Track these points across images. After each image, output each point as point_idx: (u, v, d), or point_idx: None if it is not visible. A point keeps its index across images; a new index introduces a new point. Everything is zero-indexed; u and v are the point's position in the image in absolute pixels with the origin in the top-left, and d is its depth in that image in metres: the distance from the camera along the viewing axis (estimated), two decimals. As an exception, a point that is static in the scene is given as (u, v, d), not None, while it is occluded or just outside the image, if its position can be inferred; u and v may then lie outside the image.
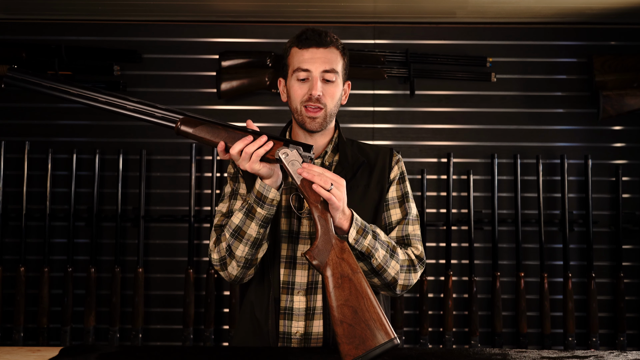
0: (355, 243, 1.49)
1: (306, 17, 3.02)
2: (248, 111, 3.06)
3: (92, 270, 2.90)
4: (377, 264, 1.53)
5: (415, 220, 1.66)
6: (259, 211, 1.49)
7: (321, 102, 1.60)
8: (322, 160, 1.67)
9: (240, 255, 1.54)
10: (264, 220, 1.50)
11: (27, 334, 2.94)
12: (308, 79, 1.60)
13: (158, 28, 3.08)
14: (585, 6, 2.81)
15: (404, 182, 1.69)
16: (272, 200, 1.49)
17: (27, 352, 1.48)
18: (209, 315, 2.89)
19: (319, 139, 1.67)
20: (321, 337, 1.58)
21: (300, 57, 1.61)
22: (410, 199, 1.68)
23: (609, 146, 3.04)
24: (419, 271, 1.60)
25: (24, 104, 3.05)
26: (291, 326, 1.59)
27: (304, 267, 1.60)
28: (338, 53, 1.64)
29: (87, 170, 3.02)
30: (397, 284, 1.57)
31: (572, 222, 2.96)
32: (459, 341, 2.98)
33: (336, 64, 1.62)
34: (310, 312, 1.59)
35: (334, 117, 1.67)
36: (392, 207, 1.66)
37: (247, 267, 1.56)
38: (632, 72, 2.94)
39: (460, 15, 2.98)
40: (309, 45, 1.61)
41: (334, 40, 1.64)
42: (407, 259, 1.59)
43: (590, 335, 2.88)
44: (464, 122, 3.06)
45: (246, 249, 1.53)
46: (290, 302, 1.59)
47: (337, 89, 1.63)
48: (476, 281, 2.94)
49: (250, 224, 1.50)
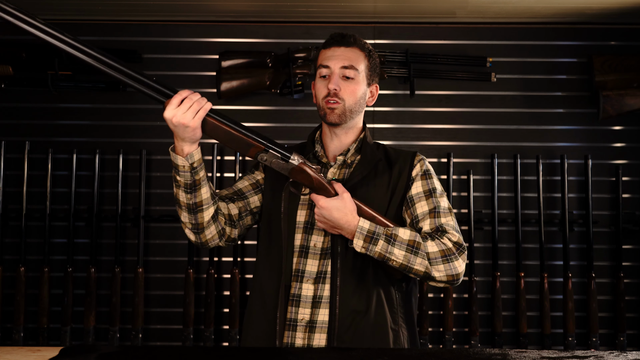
0: (367, 250, 1.56)
1: (306, 17, 3.02)
2: (248, 111, 3.06)
3: (92, 270, 2.90)
4: (400, 264, 1.56)
5: (446, 212, 1.67)
6: (178, 178, 1.58)
7: (339, 96, 1.66)
8: (345, 157, 1.73)
9: (185, 221, 1.63)
10: (185, 187, 1.58)
11: (27, 334, 2.94)
12: (328, 75, 1.68)
13: (158, 28, 3.08)
14: (585, 6, 2.81)
15: (430, 179, 1.71)
16: (183, 166, 1.56)
17: (27, 352, 1.48)
18: (209, 315, 2.89)
19: (343, 137, 1.73)
20: (325, 325, 1.61)
21: (323, 55, 1.71)
22: (439, 195, 1.69)
23: (609, 146, 3.04)
24: (460, 258, 1.60)
25: (24, 104, 3.05)
26: (298, 313, 1.63)
27: (316, 257, 1.65)
28: (361, 53, 1.71)
29: (87, 170, 3.02)
30: (433, 276, 1.58)
31: (572, 222, 2.96)
32: (459, 341, 2.98)
33: (357, 62, 1.68)
34: (317, 300, 1.62)
35: (355, 115, 1.71)
36: (417, 201, 1.67)
37: (196, 231, 1.64)
38: (632, 72, 2.94)
39: (460, 15, 2.97)
40: (331, 45, 1.71)
41: (358, 41, 1.71)
42: (440, 250, 1.59)
43: (590, 335, 2.88)
44: (464, 122, 3.06)
45: (185, 214, 1.61)
46: (299, 290, 1.63)
47: (357, 87, 1.68)
48: (476, 281, 2.94)
49: (179, 191, 1.60)
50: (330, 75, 1.67)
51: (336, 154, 1.74)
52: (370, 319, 1.61)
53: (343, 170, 1.72)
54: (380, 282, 1.65)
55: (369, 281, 1.63)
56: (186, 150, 1.55)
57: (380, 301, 1.63)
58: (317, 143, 1.77)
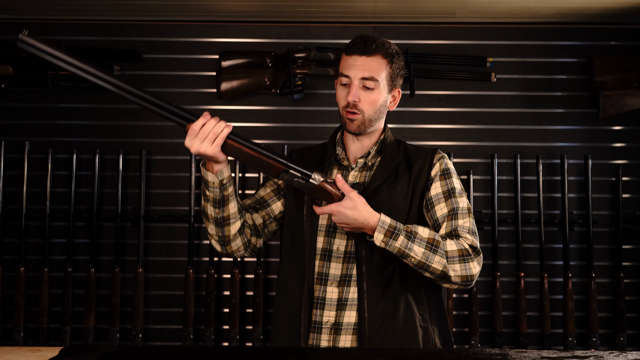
0: (386, 245, 1.55)
1: (306, 17, 3.02)
2: (248, 111, 3.06)
3: (92, 270, 2.90)
4: (418, 262, 1.56)
5: (464, 213, 1.66)
6: (207, 193, 1.61)
7: (357, 107, 1.66)
8: (365, 160, 1.73)
9: (212, 233, 1.67)
10: (214, 202, 1.61)
11: (27, 334, 2.94)
12: (348, 84, 1.67)
13: (158, 28, 3.08)
14: (585, 6, 2.81)
15: (449, 178, 1.70)
16: (213, 182, 1.59)
17: (27, 352, 1.48)
18: (208, 315, 2.89)
19: (365, 140, 1.74)
20: (351, 327, 1.62)
21: (344, 62, 1.69)
22: (457, 194, 1.68)
23: (609, 146, 3.04)
24: (475, 260, 1.60)
25: (24, 104, 3.05)
26: (322, 315, 1.64)
27: (339, 260, 1.66)
28: (383, 61, 1.68)
29: (87, 170, 3.02)
30: (449, 275, 1.58)
31: (572, 222, 2.96)
32: (459, 341, 2.98)
33: (377, 73, 1.66)
34: (342, 302, 1.64)
35: (375, 122, 1.71)
36: (437, 203, 1.67)
37: (223, 243, 1.68)
38: (632, 72, 2.94)
39: (460, 15, 2.97)
40: (352, 52, 1.68)
41: (380, 48, 1.68)
42: (458, 249, 1.59)
43: (590, 335, 2.88)
44: (464, 122, 3.06)
45: (213, 226, 1.65)
46: (323, 293, 1.65)
47: (377, 97, 1.68)
48: (476, 281, 2.93)
49: (207, 205, 1.63)
50: (349, 85, 1.66)
51: (357, 157, 1.74)
52: (399, 320, 1.62)
53: (364, 173, 1.72)
54: (407, 284, 1.65)
55: (395, 283, 1.64)
56: (216, 168, 1.58)
57: (407, 301, 1.64)
58: (339, 145, 1.77)
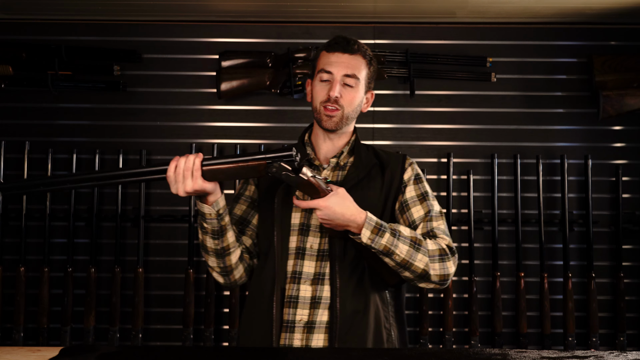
0: (372, 242, 1.55)
1: (306, 17, 3.02)
2: (248, 111, 3.06)
3: (92, 270, 2.90)
4: (401, 259, 1.57)
5: (438, 215, 1.69)
6: (205, 225, 1.60)
7: (338, 103, 1.68)
8: (338, 160, 1.74)
9: (213, 265, 1.66)
10: (212, 233, 1.60)
11: (27, 334, 2.94)
12: (330, 80, 1.68)
13: (158, 28, 3.08)
14: (585, 6, 2.81)
15: (421, 183, 1.73)
16: (209, 214, 1.57)
17: (27, 352, 1.48)
18: (208, 315, 2.89)
19: (337, 140, 1.75)
20: (323, 326, 1.62)
21: (326, 59, 1.70)
22: (430, 198, 1.71)
23: (609, 146, 3.04)
24: (452, 260, 1.63)
25: (24, 104, 3.05)
26: (295, 314, 1.64)
27: (312, 258, 1.66)
28: (363, 61, 1.72)
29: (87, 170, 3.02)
30: (429, 274, 1.60)
31: (572, 222, 2.96)
32: (459, 341, 2.98)
33: (358, 71, 1.70)
34: (316, 300, 1.64)
35: (351, 122, 1.74)
36: (413, 205, 1.69)
37: (225, 274, 1.67)
38: (632, 72, 2.94)
39: (460, 15, 2.97)
40: (335, 49, 1.70)
41: (361, 48, 1.72)
42: (438, 249, 1.62)
43: (590, 335, 2.88)
44: (464, 122, 3.06)
45: (213, 259, 1.64)
46: (296, 291, 1.65)
47: (356, 95, 1.70)
48: (476, 281, 2.94)
49: (206, 237, 1.62)
50: (332, 82, 1.68)
51: (329, 157, 1.75)
52: (369, 319, 1.63)
53: (336, 173, 1.74)
54: (375, 283, 1.67)
55: (366, 282, 1.65)
56: (211, 200, 1.57)
57: (375, 301, 1.66)
58: (308, 145, 1.77)
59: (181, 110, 3.06)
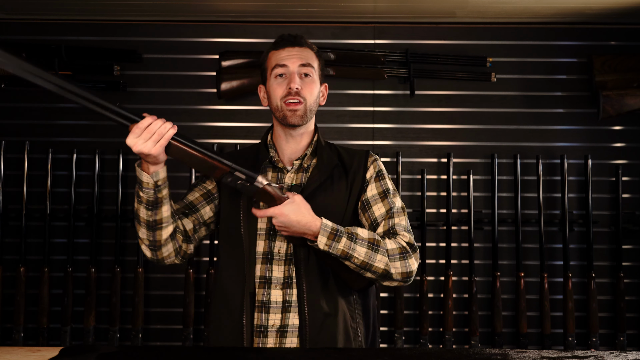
0: (330, 248, 1.55)
1: (306, 17, 3.02)
2: (248, 111, 3.06)
3: (92, 270, 2.90)
4: (361, 262, 1.57)
5: (400, 212, 1.68)
6: (141, 194, 1.56)
7: (300, 95, 1.67)
8: (301, 162, 1.72)
9: (143, 237, 1.62)
10: (147, 203, 1.56)
11: (27, 334, 2.94)
12: (286, 74, 1.68)
13: (158, 28, 3.08)
14: (585, 6, 2.81)
15: (383, 180, 1.72)
16: (147, 183, 1.54)
17: (27, 352, 1.48)
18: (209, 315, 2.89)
19: (299, 139, 1.73)
20: (295, 329, 1.62)
21: (277, 56, 1.70)
22: (392, 194, 1.70)
23: (609, 146, 3.04)
24: (414, 256, 1.63)
25: (24, 104, 3.05)
26: (268, 319, 1.63)
27: (281, 263, 1.65)
28: (313, 53, 1.73)
29: (87, 170, 3.02)
30: (391, 273, 1.60)
31: (572, 222, 2.96)
32: (459, 341, 2.98)
33: (312, 61, 1.71)
34: (287, 304, 1.63)
35: (313, 114, 1.72)
36: (374, 203, 1.68)
37: (153, 248, 1.63)
38: (632, 72, 2.94)
39: (460, 15, 2.97)
40: (284, 45, 1.71)
41: (308, 42, 1.74)
42: (398, 247, 1.61)
43: (590, 335, 2.88)
44: (464, 122, 3.06)
45: (144, 230, 1.60)
46: (267, 296, 1.64)
47: (314, 85, 1.70)
48: (476, 281, 2.94)
49: (140, 207, 1.58)
50: (289, 75, 1.67)
51: (292, 158, 1.73)
52: (338, 320, 1.64)
53: (300, 175, 1.71)
54: (341, 285, 1.66)
55: (333, 284, 1.65)
56: (152, 169, 1.54)
57: (342, 302, 1.66)
58: (271, 147, 1.74)
59: (181, 110, 3.06)
